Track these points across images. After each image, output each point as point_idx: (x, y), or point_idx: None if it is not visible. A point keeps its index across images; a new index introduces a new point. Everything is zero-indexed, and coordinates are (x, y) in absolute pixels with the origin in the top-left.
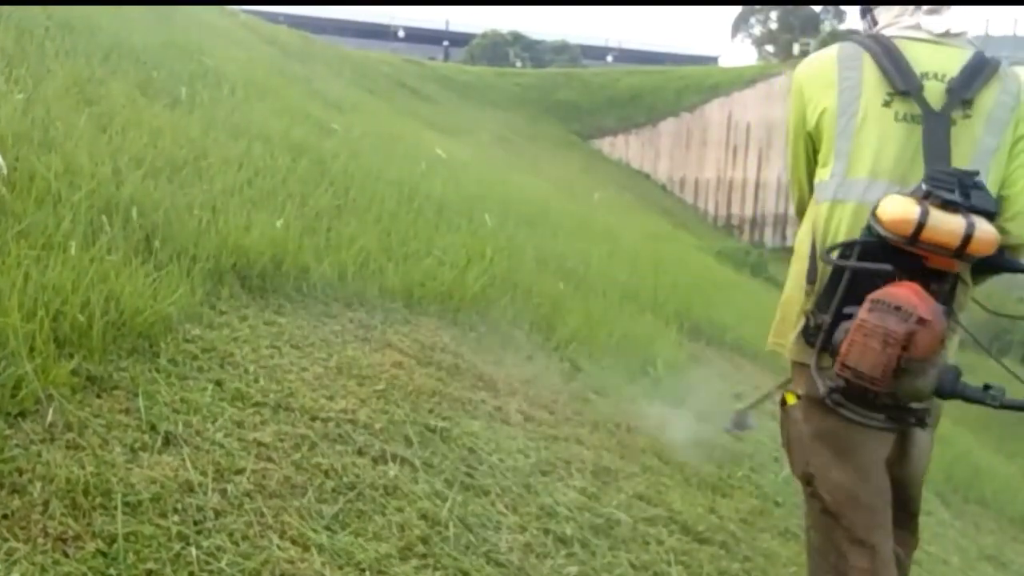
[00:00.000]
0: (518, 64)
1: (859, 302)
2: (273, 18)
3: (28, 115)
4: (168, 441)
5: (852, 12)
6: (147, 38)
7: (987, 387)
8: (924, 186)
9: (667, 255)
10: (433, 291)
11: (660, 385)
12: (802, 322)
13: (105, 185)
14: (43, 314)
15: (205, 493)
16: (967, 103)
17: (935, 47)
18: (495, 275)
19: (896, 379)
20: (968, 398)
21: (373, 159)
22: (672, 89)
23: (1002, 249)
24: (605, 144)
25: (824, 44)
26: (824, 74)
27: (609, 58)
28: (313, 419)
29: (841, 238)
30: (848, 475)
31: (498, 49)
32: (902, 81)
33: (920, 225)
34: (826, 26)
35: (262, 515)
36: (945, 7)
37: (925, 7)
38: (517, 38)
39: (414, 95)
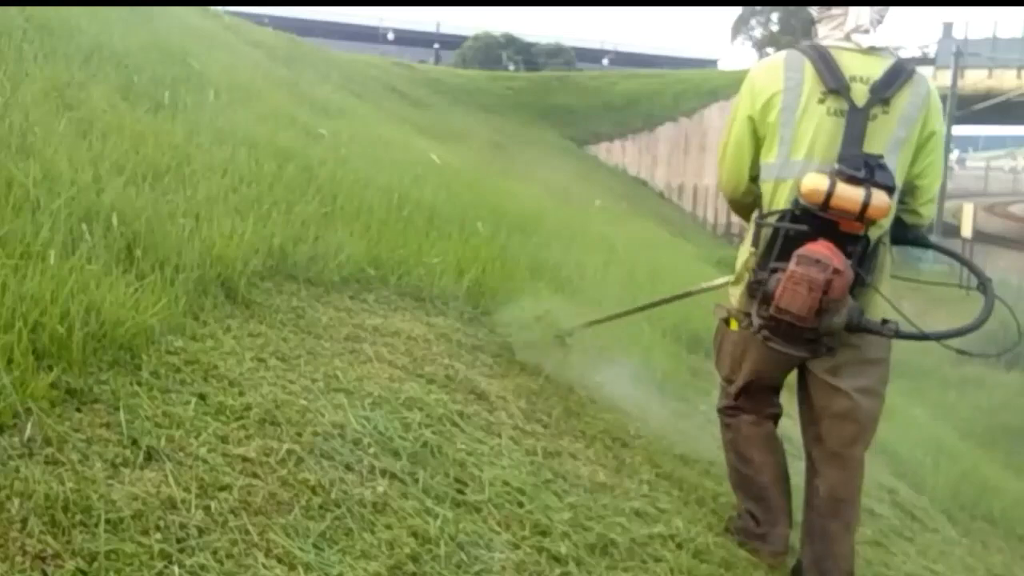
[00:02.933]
0: (511, 67)
1: (788, 259)
2: (258, 20)
3: (5, 120)
4: (150, 456)
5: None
6: (128, 41)
7: (884, 321)
8: (836, 165)
9: (665, 264)
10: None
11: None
12: (747, 278)
13: (85, 192)
14: (21, 325)
15: (188, 510)
16: (886, 101)
17: (862, 56)
18: (488, 285)
19: (818, 317)
20: (869, 330)
21: (362, 165)
22: (670, 93)
23: (918, 227)
24: (601, 150)
25: None
26: (773, 74)
27: (605, 61)
28: (300, 433)
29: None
30: (756, 380)
31: (490, 52)
32: (833, 82)
33: (829, 194)
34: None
35: (247, 532)
36: (872, 28)
37: (847, 28)
38: (510, 40)
39: (404, 99)
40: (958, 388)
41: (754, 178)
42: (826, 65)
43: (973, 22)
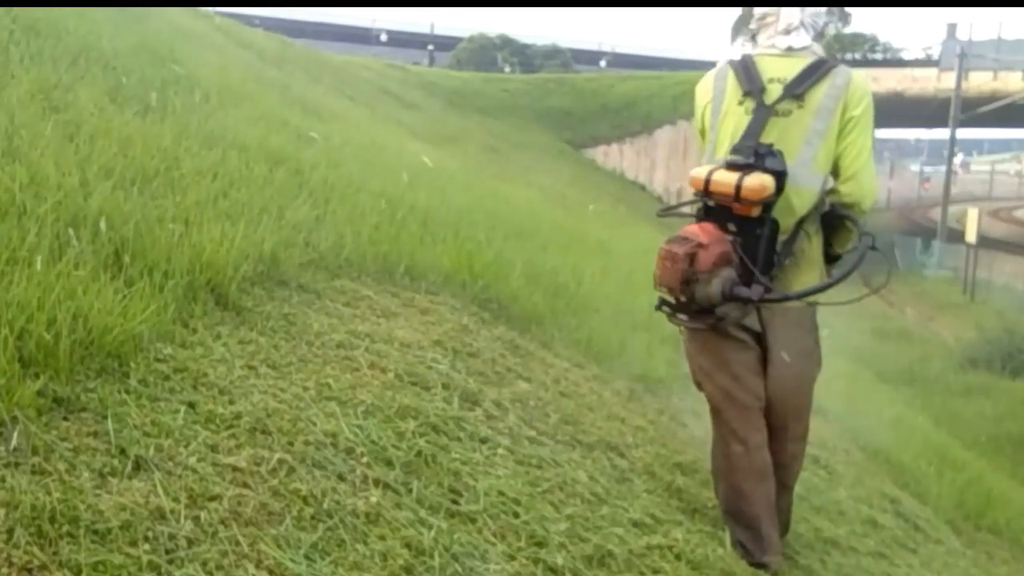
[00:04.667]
0: (507, 69)
1: None
2: (249, 21)
3: None
4: (138, 466)
5: (857, 15)
6: (117, 42)
7: (752, 285)
8: (728, 156)
9: None
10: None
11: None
12: None
13: (72, 197)
14: (7, 332)
15: (177, 520)
16: (799, 97)
17: (782, 59)
18: (483, 290)
19: (688, 287)
20: (739, 298)
21: (354, 169)
22: (669, 96)
23: (843, 205)
24: (598, 153)
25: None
26: (705, 86)
27: (602, 63)
28: (291, 443)
29: None
30: (725, 380)
31: (486, 53)
32: (748, 85)
33: (707, 181)
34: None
35: (237, 543)
36: (794, 31)
37: (779, 29)
38: (506, 42)
39: (397, 102)
40: (962, 396)
41: None
42: (745, 71)
43: (977, 23)
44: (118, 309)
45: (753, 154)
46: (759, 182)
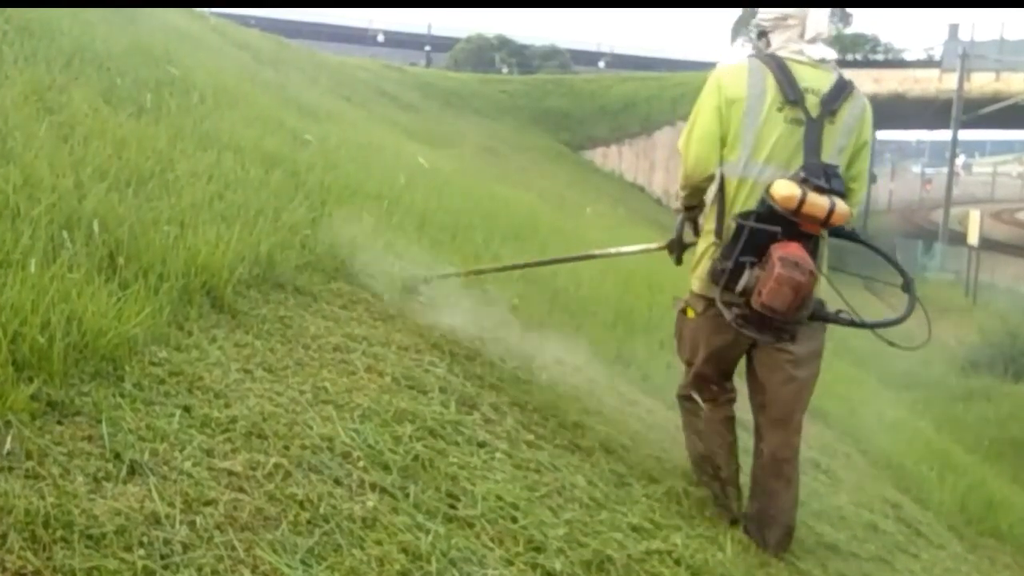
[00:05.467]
0: (504, 70)
1: (753, 253)
2: (245, 21)
3: None
4: (133, 470)
5: (858, 16)
6: (111, 43)
7: (839, 311)
8: (802, 173)
9: (662, 273)
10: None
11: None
12: (708, 265)
13: (67, 199)
14: (0, 335)
15: (172, 525)
16: (833, 113)
17: (813, 69)
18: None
19: (798, 311)
20: (827, 319)
21: (351, 171)
22: (668, 97)
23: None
24: (597, 155)
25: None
26: (738, 78)
27: (601, 64)
28: (287, 447)
29: (743, 205)
30: (713, 362)
31: (483, 54)
32: (792, 93)
33: (801, 202)
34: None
35: (233, 549)
36: (820, 40)
37: (807, 37)
38: (503, 42)
39: (394, 103)
40: (964, 400)
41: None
42: (785, 76)
43: (980, 24)
44: (112, 312)
45: (823, 174)
46: (846, 210)
